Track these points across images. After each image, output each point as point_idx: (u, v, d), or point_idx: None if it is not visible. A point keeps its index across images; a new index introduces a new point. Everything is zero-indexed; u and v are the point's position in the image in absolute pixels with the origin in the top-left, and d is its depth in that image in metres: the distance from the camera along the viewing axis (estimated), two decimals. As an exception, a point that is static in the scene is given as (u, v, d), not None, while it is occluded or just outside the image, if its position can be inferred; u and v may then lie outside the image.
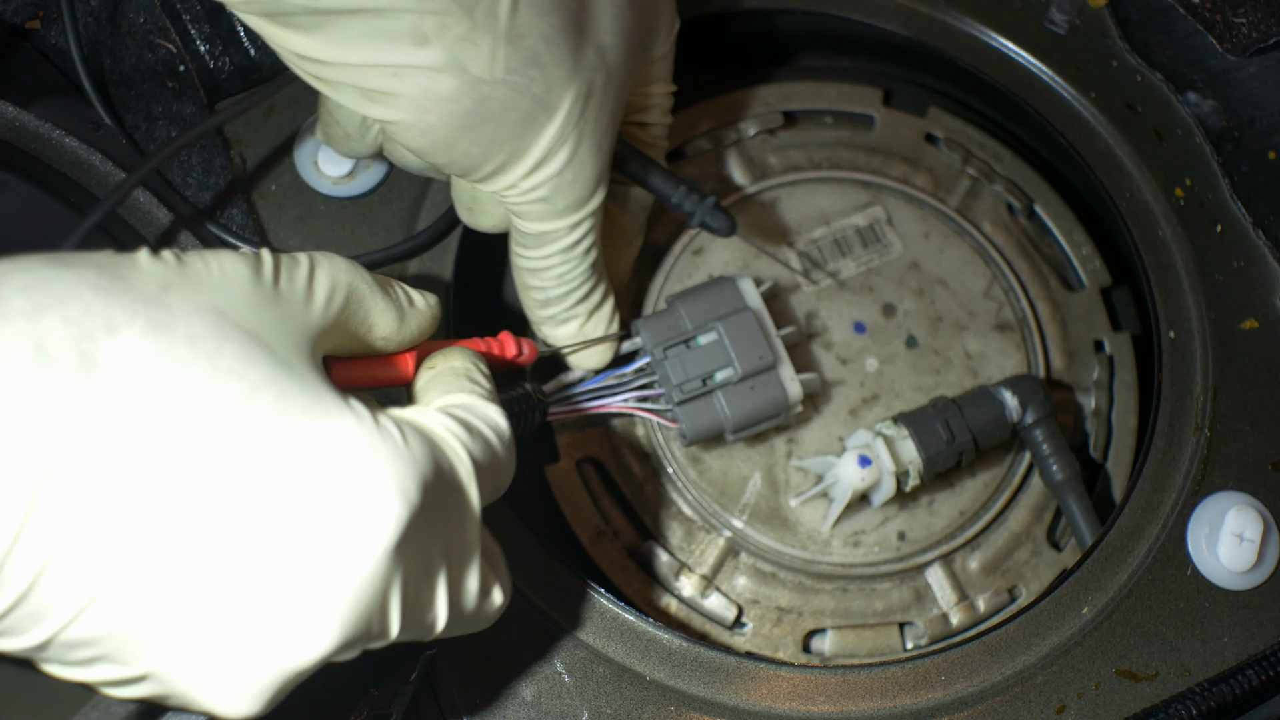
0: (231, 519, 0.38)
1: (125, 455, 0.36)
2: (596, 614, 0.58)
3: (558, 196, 0.54)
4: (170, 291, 0.39)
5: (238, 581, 0.38)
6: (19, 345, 0.35)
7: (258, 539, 0.38)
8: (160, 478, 0.37)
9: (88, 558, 0.36)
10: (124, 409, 0.36)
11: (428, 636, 0.45)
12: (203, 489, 0.37)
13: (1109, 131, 0.72)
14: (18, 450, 0.35)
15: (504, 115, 0.51)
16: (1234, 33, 0.71)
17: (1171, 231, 0.70)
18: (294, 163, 0.66)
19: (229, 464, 0.38)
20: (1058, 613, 0.60)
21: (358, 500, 0.39)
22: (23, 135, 0.60)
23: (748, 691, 0.57)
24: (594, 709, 0.56)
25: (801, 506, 0.66)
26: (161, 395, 0.37)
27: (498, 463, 0.48)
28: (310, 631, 0.39)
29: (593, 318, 0.61)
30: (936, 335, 0.70)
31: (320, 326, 0.45)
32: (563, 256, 0.57)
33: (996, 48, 0.74)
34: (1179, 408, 0.65)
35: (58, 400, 0.35)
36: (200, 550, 0.37)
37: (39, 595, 0.36)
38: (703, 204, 0.61)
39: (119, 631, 0.38)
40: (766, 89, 0.76)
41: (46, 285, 0.37)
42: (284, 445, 0.39)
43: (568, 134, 0.52)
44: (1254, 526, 0.61)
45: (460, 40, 0.48)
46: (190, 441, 0.37)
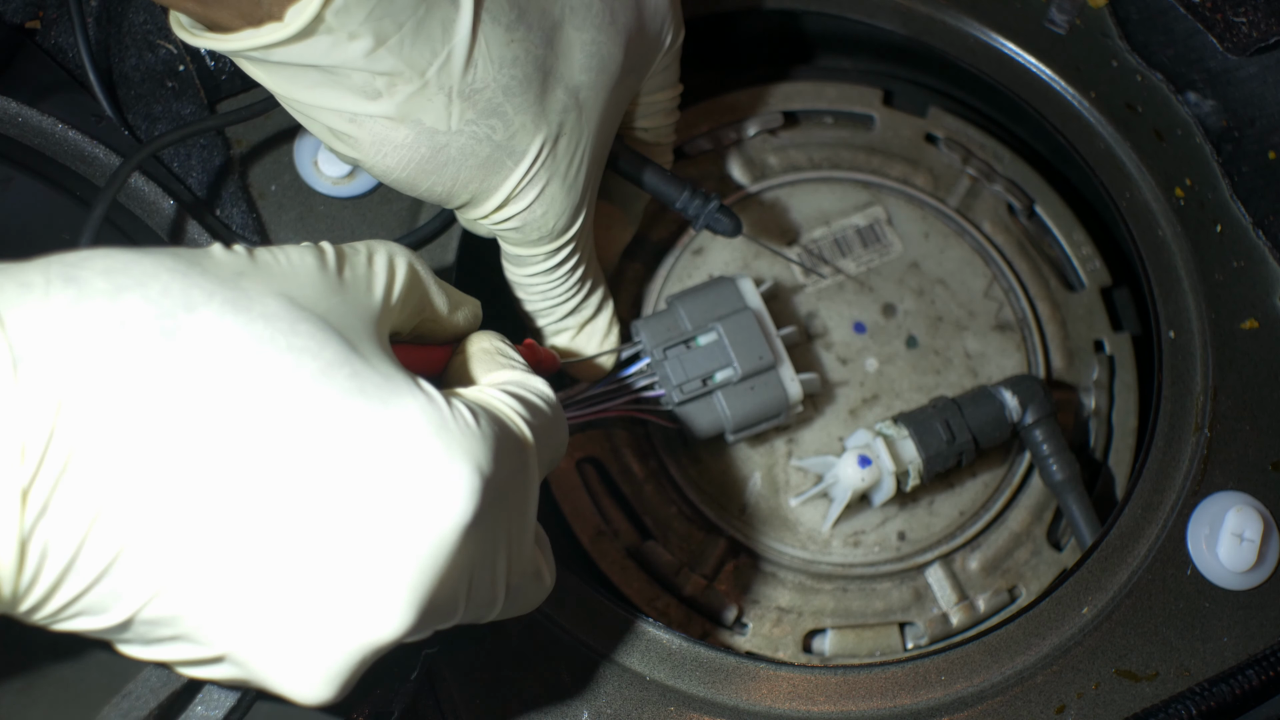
0: (308, 497, 0.38)
1: (205, 429, 0.37)
2: (597, 614, 0.58)
3: (530, 229, 0.55)
4: (244, 278, 0.40)
5: (315, 560, 0.38)
6: (102, 322, 0.36)
7: (334, 517, 0.38)
8: (240, 452, 0.37)
9: (168, 532, 0.36)
10: (204, 381, 0.37)
11: (486, 617, 0.45)
12: (280, 466, 0.37)
13: (1109, 131, 0.72)
14: (101, 424, 0.35)
15: (464, 161, 0.52)
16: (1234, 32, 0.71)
17: (1171, 231, 0.70)
18: (294, 163, 0.66)
19: (304, 441, 0.38)
20: (1058, 613, 0.60)
21: (434, 477, 0.39)
22: (27, 131, 0.60)
23: (748, 691, 0.57)
24: (594, 709, 0.56)
25: (801, 506, 0.66)
26: (240, 368, 0.38)
27: (555, 434, 0.48)
28: (387, 610, 0.39)
29: (584, 330, 0.62)
30: (936, 335, 0.70)
31: (385, 310, 0.45)
32: (544, 277, 0.58)
33: (996, 48, 0.74)
34: (1179, 408, 0.65)
35: (141, 377, 0.36)
36: (277, 528, 0.37)
37: (119, 571, 0.36)
38: (707, 207, 0.62)
39: (197, 610, 0.38)
40: (766, 89, 0.76)
41: (127, 268, 0.38)
42: (360, 422, 0.39)
43: (535, 175, 0.53)
44: (1254, 526, 0.61)
45: (413, 96, 0.49)
46: (268, 417, 0.38)
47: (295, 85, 0.49)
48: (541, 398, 0.48)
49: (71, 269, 0.37)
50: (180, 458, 0.36)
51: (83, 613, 0.38)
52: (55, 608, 0.37)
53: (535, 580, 0.48)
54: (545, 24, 0.52)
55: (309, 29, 0.46)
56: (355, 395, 0.39)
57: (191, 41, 0.49)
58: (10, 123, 0.60)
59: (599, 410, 0.62)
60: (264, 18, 0.47)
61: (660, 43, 0.58)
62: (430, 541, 0.39)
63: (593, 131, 0.55)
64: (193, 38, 0.49)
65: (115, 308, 0.36)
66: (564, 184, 0.54)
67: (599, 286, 0.61)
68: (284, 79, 0.49)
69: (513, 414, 0.46)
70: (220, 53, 0.49)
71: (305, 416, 0.38)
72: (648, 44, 0.57)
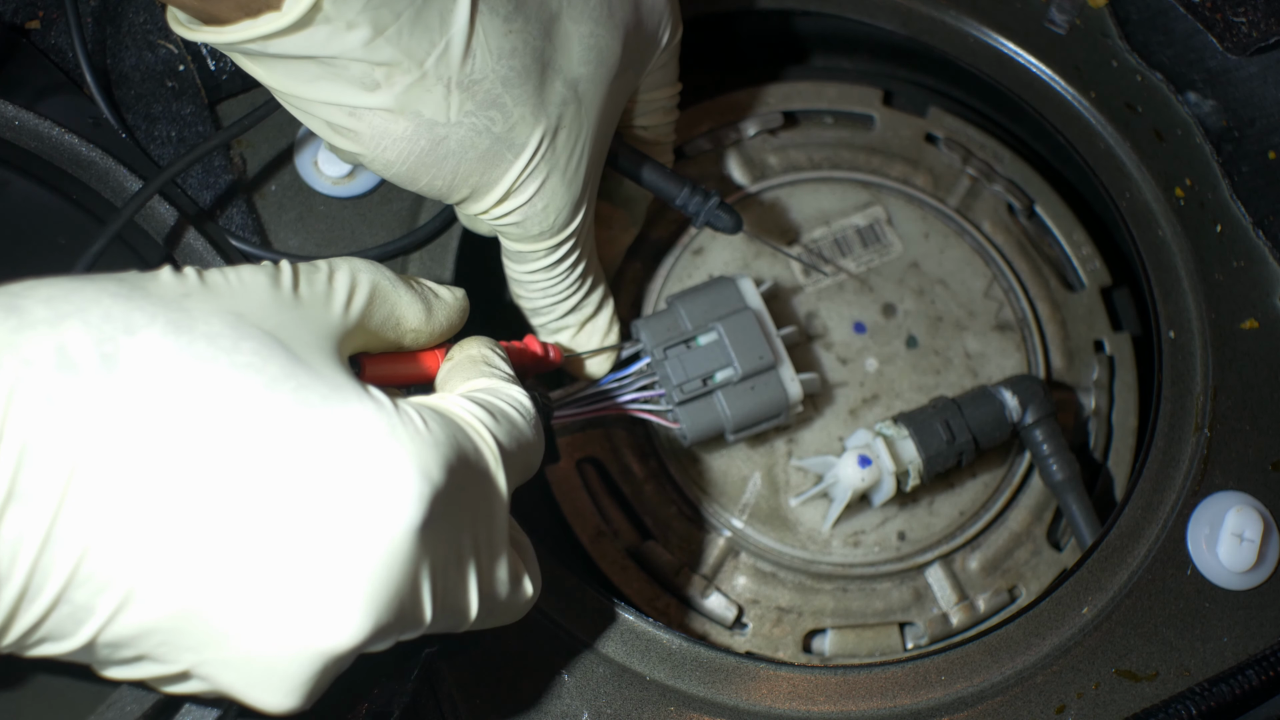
0: (256, 508, 0.38)
1: (149, 449, 0.37)
2: (596, 614, 0.58)
3: (530, 223, 0.55)
4: (190, 299, 0.40)
5: (266, 572, 0.38)
6: (41, 350, 0.36)
7: (283, 527, 0.38)
8: (184, 470, 0.37)
9: (120, 552, 0.37)
10: (146, 404, 0.37)
11: (460, 627, 0.45)
12: (226, 480, 0.38)
13: (1109, 131, 0.72)
14: (42, 451, 0.36)
15: (464, 154, 0.52)
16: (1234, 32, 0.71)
17: (1171, 231, 0.70)
18: (294, 163, 0.66)
19: (250, 454, 0.38)
20: (1058, 613, 0.60)
21: (379, 482, 0.39)
22: (24, 134, 0.60)
23: (748, 691, 0.57)
24: (594, 709, 0.56)
25: (801, 506, 0.66)
26: (182, 389, 0.38)
27: (526, 443, 0.48)
28: (341, 616, 0.39)
29: (585, 328, 0.61)
30: (936, 335, 0.70)
31: (343, 326, 0.45)
32: (545, 274, 0.58)
33: (996, 48, 0.74)
34: (1179, 408, 0.65)
35: (80, 399, 0.36)
36: (228, 540, 0.38)
37: (76, 595, 0.37)
38: (707, 204, 0.62)
39: (156, 627, 0.38)
40: (766, 89, 0.76)
41: (68, 295, 0.38)
42: (304, 432, 0.39)
43: (535, 168, 0.53)
44: (1254, 526, 0.61)
45: (411, 87, 0.49)
46: (211, 432, 0.38)
47: (294, 79, 0.49)
48: (513, 404, 0.48)
49: (14, 299, 0.37)
50: (125, 479, 0.37)
51: (46, 639, 0.38)
52: (16, 635, 0.37)
53: (515, 589, 0.47)
54: (543, 16, 0.52)
55: (306, 18, 0.46)
56: (300, 406, 0.39)
57: (189, 36, 0.49)
58: (6, 126, 0.60)
59: (599, 409, 0.62)
60: (261, 7, 0.47)
61: (658, 39, 0.58)
62: (379, 547, 0.39)
63: (592, 125, 0.55)
64: (190, 32, 0.49)
65: (55, 334, 0.37)
66: (564, 178, 0.54)
67: (600, 284, 0.61)
68: (282, 73, 0.49)
69: (473, 420, 0.45)
70: (218, 46, 0.49)
71: (249, 430, 0.38)
72: (645, 39, 0.57)
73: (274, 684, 0.40)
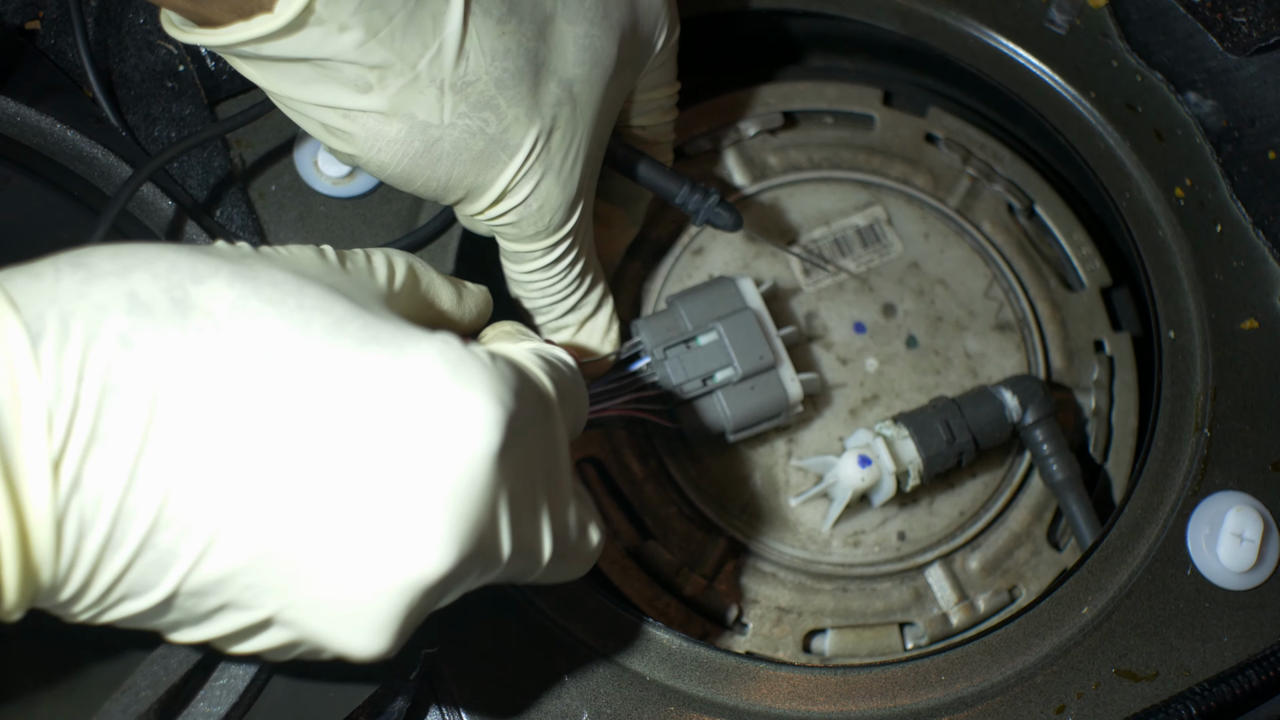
0: (335, 441, 0.38)
1: (226, 388, 0.37)
2: (596, 614, 0.58)
3: (526, 224, 0.55)
4: (247, 259, 0.41)
5: (350, 502, 0.38)
6: (113, 296, 0.37)
7: (363, 458, 0.38)
8: (263, 407, 0.37)
9: (204, 492, 0.36)
10: (219, 344, 0.37)
11: (532, 572, 0.45)
12: (304, 414, 0.38)
13: (1109, 131, 0.72)
14: (122, 393, 0.36)
15: (458, 155, 0.52)
16: (1234, 32, 0.71)
17: (1171, 231, 0.70)
18: (294, 163, 0.66)
19: (326, 387, 0.38)
20: (1058, 613, 0.60)
21: (457, 409, 0.39)
22: (25, 131, 0.60)
23: (748, 691, 0.57)
24: (594, 709, 0.56)
25: (801, 506, 0.66)
26: (254, 329, 0.38)
27: (576, 393, 0.49)
28: (427, 544, 0.39)
29: (585, 328, 0.62)
30: (936, 335, 0.70)
31: (389, 293, 0.46)
32: (543, 273, 0.58)
33: (996, 48, 0.74)
34: (1179, 408, 0.65)
35: (156, 341, 0.36)
36: (310, 474, 0.38)
37: (161, 539, 0.36)
38: (706, 201, 0.62)
39: (242, 569, 0.37)
40: (766, 89, 0.76)
41: (132, 251, 0.38)
42: (377, 367, 0.39)
43: (529, 169, 0.53)
44: (1254, 526, 0.61)
45: (404, 89, 0.49)
46: (286, 369, 0.38)
47: (287, 81, 0.49)
48: (562, 361, 0.49)
49: (78, 257, 0.38)
50: (205, 418, 0.37)
51: (128, 595, 0.37)
52: (99, 591, 0.37)
53: (582, 535, 0.48)
54: (537, 17, 0.52)
55: (299, 20, 0.47)
56: (370, 344, 0.40)
57: (181, 38, 0.49)
58: (8, 122, 0.60)
59: (599, 409, 0.62)
60: (254, 10, 0.47)
61: (655, 40, 0.58)
62: (460, 473, 0.39)
63: (588, 126, 0.55)
64: (183, 34, 0.49)
65: (124, 283, 0.37)
66: (559, 178, 0.54)
67: (599, 283, 0.61)
68: (276, 75, 0.49)
69: (533, 366, 0.46)
70: (211, 49, 0.49)
71: (322, 368, 0.38)
72: (642, 40, 0.57)
73: (363, 622, 0.39)
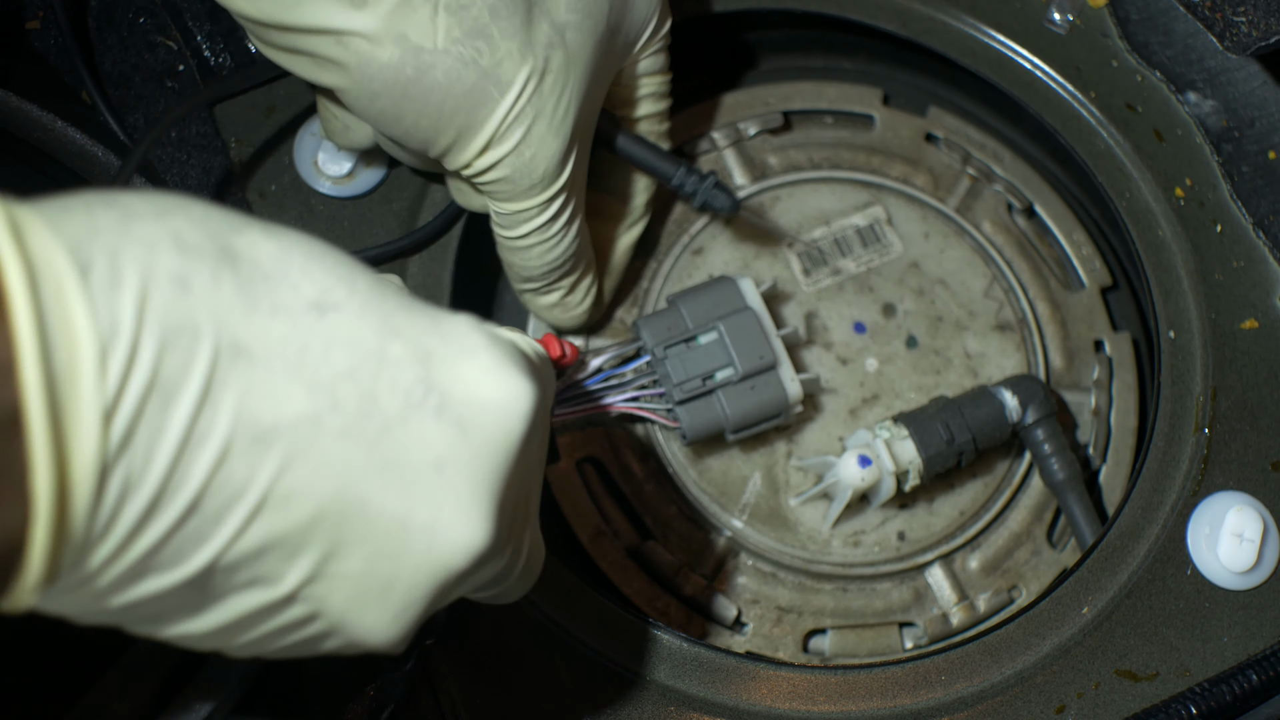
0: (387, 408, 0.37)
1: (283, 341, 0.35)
2: (597, 614, 0.58)
3: (519, 175, 0.54)
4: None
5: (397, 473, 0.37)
6: (160, 236, 0.34)
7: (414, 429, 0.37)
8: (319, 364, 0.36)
9: (259, 454, 0.34)
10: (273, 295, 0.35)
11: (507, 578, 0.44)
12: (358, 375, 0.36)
13: (1109, 131, 0.72)
14: (184, 339, 0.33)
15: (450, 87, 0.51)
16: (1234, 32, 0.71)
17: (1171, 231, 0.70)
18: (294, 163, 0.66)
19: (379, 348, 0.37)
20: (1058, 613, 0.60)
21: (499, 384, 0.39)
22: (26, 125, 0.60)
23: (748, 691, 0.57)
24: (594, 709, 0.56)
25: (801, 506, 0.66)
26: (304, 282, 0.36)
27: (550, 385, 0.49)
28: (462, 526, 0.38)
29: (575, 290, 0.61)
30: (936, 335, 0.70)
31: None
32: (539, 235, 0.57)
33: (996, 48, 0.74)
34: (1179, 408, 0.65)
35: (213, 287, 0.34)
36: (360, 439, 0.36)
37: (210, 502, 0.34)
38: (703, 183, 0.62)
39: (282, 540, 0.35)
40: (766, 89, 0.76)
41: (162, 196, 0.36)
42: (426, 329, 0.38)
43: (521, 111, 0.52)
44: (1254, 526, 0.61)
45: (398, 7, 0.49)
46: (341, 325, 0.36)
47: (278, 5, 0.48)
48: (537, 354, 0.48)
49: (105, 195, 0.35)
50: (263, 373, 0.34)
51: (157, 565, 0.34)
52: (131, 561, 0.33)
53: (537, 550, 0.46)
54: None
55: None
56: (409, 310, 0.38)
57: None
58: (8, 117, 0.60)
59: (599, 407, 0.62)
60: None
61: (647, 20, 0.58)
62: (498, 456, 0.38)
63: (579, 77, 0.54)
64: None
65: (166, 224, 0.34)
66: (551, 125, 0.53)
67: (588, 248, 0.61)
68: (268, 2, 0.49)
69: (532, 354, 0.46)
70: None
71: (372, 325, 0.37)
72: (633, 18, 0.57)
73: (387, 602, 0.38)
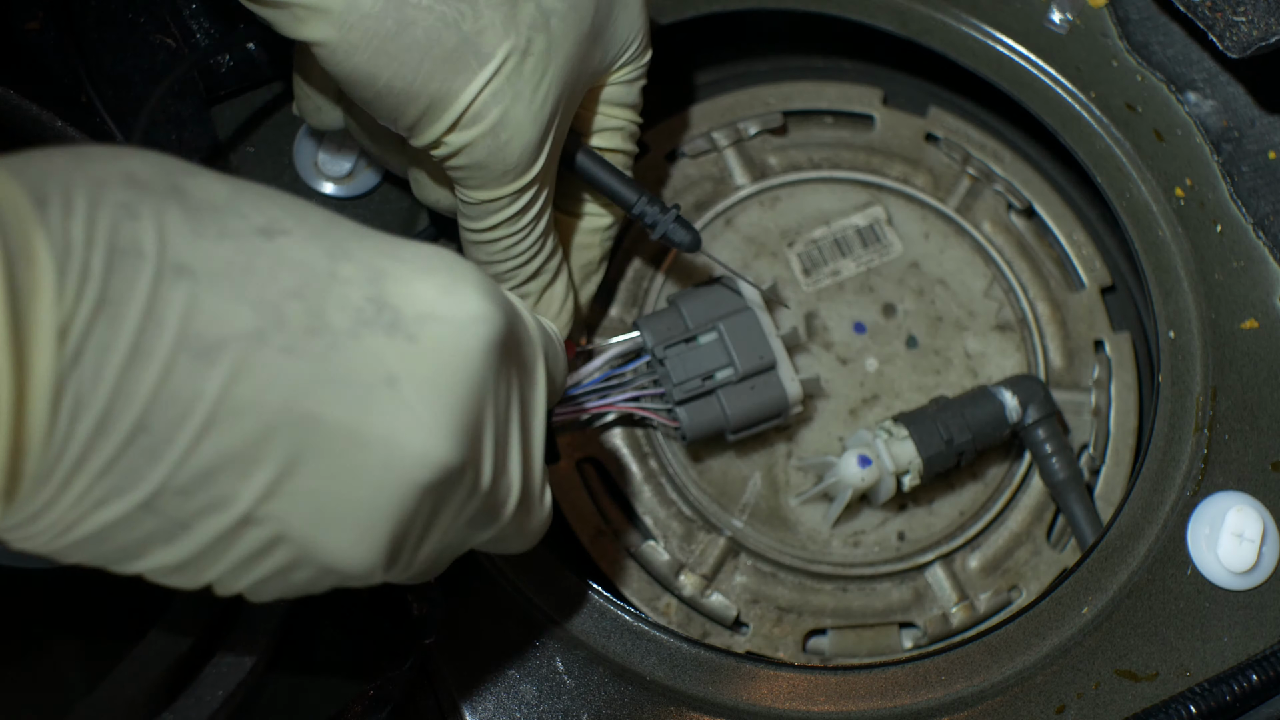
0: (336, 324, 0.37)
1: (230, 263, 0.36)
2: (596, 614, 0.58)
3: (493, 160, 0.53)
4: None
5: (348, 386, 0.37)
6: (110, 173, 0.35)
7: (366, 342, 0.37)
8: (266, 284, 0.36)
9: (204, 368, 0.34)
10: (220, 221, 0.36)
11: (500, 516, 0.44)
12: (306, 293, 0.37)
13: (1109, 131, 0.72)
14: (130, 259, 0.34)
15: (429, 47, 0.50)
16: (1234, 32, 0.71)
17: (1171, 231, 0.70)
18: (294, 163, 0.66)
19: (328, 270, 0.37)
20: (1058, 613, 0.60)
21: (459, 298, 0.39)
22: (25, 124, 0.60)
23: (748, 691, 0.57)
24: (594, 709, 0.56)
25: (801, 506, 0.66)
26: (255, 212, 0.37)
27: (557, 355, 0.48)
28: (422, 436, 0.37)
29: (543, 298, 0.59)
30: (936, 335, 0.70)
31: None
32: (507, 228, 0.55)
33: (996, 48, 0.74)
34: (1179, 408, 0.65)
35: (160, 213, 0.35)
36: (309, 354, 0.36)
37: (157, 419, 0.34)
38: (665, 215, 0.59)
39: (234, 458, 0.35)
40: (766, 89, 0.76)
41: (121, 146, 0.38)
42: (380, 252, 0.39)
43: (500, 89, 0.51)
44: (1254, 526, 0.61)
45: None
46: (289, 250, 0.37)
47: None
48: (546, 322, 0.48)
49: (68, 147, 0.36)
50: (209, 292, 0.35)
51: (109, 494, 0.34)
52: (84, 484, 0.34)
53: (543, 498, 0.47)
54: None
55: None
56: (364, 236, 0.39)
57: None
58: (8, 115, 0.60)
59: (599, 407, 0.62)
60: None
61: (626, 43, 0.58)
62: (460, 365, 0.38)
63: (560, 69, 0.53)
64: None
65: (118, 164, 0.36)
66: (529, 110, 0.52)
67: (558, 252, 0.59)
68: None
69: (516, 300, 0.45)
70: None
71: (322, 249, 0.38)
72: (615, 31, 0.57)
73: (351, 521, 0.37)
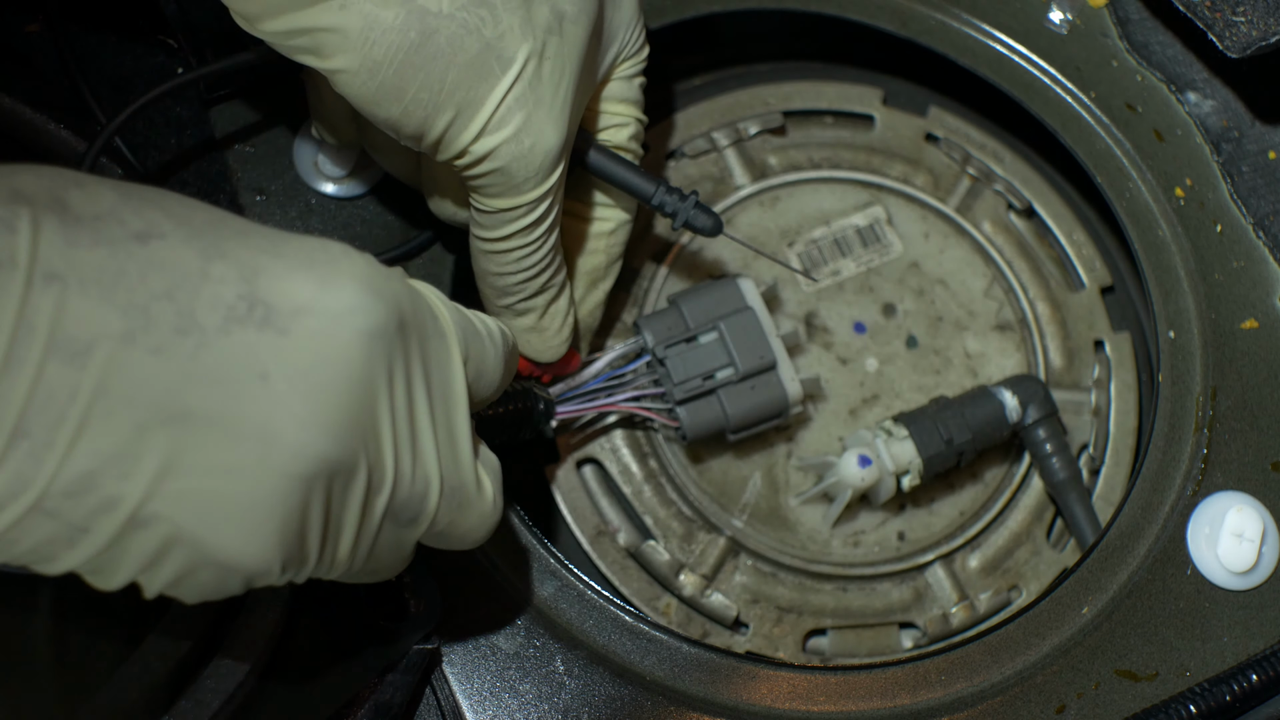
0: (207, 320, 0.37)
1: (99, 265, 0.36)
2: (596, 614, 0.58)
3: (516, 166, 0.52)
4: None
5: (221, 381, 0.37)
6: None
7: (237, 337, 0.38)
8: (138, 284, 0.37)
9: (77, 368, 0.35)
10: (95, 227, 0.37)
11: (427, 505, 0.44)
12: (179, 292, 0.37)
13: (1109, 131, 0.72)
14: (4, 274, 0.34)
15: (453, 55, 0.50)
16: (1234, 32, 0.71)
17: (1171, 231, 0.70)
18: (294, 163, 0.66)
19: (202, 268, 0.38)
20: (1058, 613, 0.60)
21: (328, 297, 0.40)
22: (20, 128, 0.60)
23: (748, 691, 0.57)
24: (594, 709, 0.56)
25: (801, 506, 0.66)
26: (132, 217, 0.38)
27: (483, 351, 0.48)
28: (296, 424, 0.38)
29: (548, 312, 0.59)
30: (936, 335, 0.70)
31: None
32: (522, 238, 0.55)
33: (996, 48, 0.74)
34: (1179, 408, 0.65)
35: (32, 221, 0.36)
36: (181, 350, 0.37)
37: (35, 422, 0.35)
38: (684, 203, 0.59)
39: (115, 457, 0.36)
40: (766, 89, 0.76)
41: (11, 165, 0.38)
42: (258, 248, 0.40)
43: (522, 94, 0.51)
44: (1254, 526, 0.61)
45: None
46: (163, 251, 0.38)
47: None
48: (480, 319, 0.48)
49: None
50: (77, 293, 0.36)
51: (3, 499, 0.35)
52: None
53: (479, 489, 0.46)
54: None
55: None
56: (247, 235, 0.40)
57: None
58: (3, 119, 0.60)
59: (600, 406, 0.62)
60: None
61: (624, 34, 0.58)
62: (334, 346, 0.39)
63: (574, 72, 0.53)
64: None
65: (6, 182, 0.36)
66: (550, 115, 0.52)
67: (564, 266, 0.59)
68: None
69: (429, 293, 0.45)
70: None
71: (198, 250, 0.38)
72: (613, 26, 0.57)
73: (239, 516, 0.37)
